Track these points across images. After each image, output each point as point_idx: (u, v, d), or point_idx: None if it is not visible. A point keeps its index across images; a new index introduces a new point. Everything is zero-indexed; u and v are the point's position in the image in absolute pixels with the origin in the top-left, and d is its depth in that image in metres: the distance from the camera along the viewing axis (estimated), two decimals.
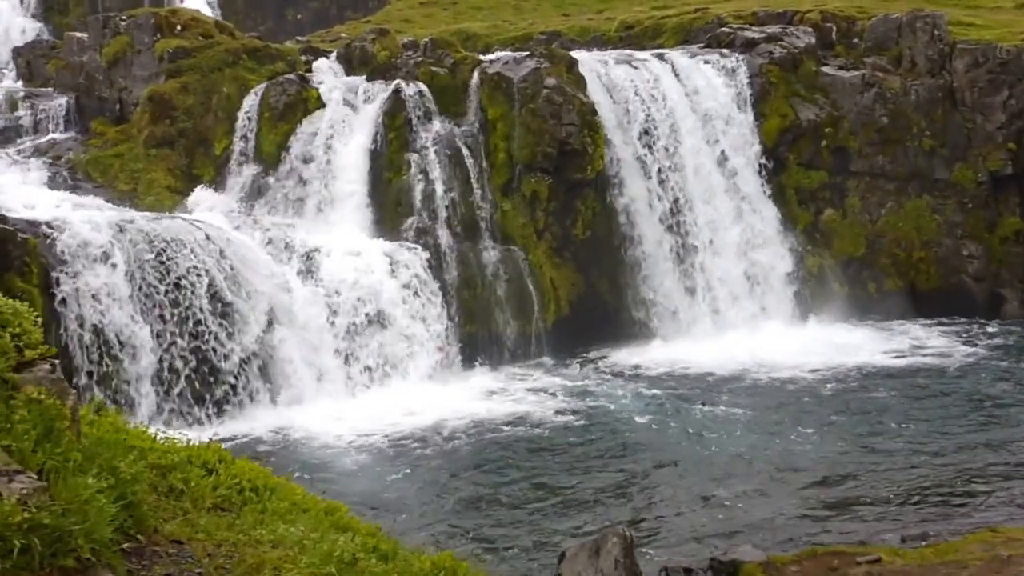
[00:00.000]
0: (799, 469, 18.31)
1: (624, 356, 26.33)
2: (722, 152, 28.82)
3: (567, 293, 27.30)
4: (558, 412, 22.22)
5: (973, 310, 28.42)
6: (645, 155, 28.24)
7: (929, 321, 27.93)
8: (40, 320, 5.14)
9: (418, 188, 26.67)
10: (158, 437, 6.20)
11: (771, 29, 30.41)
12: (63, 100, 29.94)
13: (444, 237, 26.44)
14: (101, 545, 4.13)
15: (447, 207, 26.61)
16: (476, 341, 25.82)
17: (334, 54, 30.61)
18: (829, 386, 23.06)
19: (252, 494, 5.97)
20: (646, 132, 28.28)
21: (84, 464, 4.54)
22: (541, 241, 27.29)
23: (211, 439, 7.16)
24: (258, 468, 6.33)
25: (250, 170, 27.71)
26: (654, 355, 26.23)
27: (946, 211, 29.06)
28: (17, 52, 33.60)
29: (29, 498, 4.03)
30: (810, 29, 30.55)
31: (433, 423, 21.82)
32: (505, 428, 21.38)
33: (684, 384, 23.83)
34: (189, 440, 6.45)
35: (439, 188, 26.65)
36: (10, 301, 4.93)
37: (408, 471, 19.27)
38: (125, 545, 4.51)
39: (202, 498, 5.68)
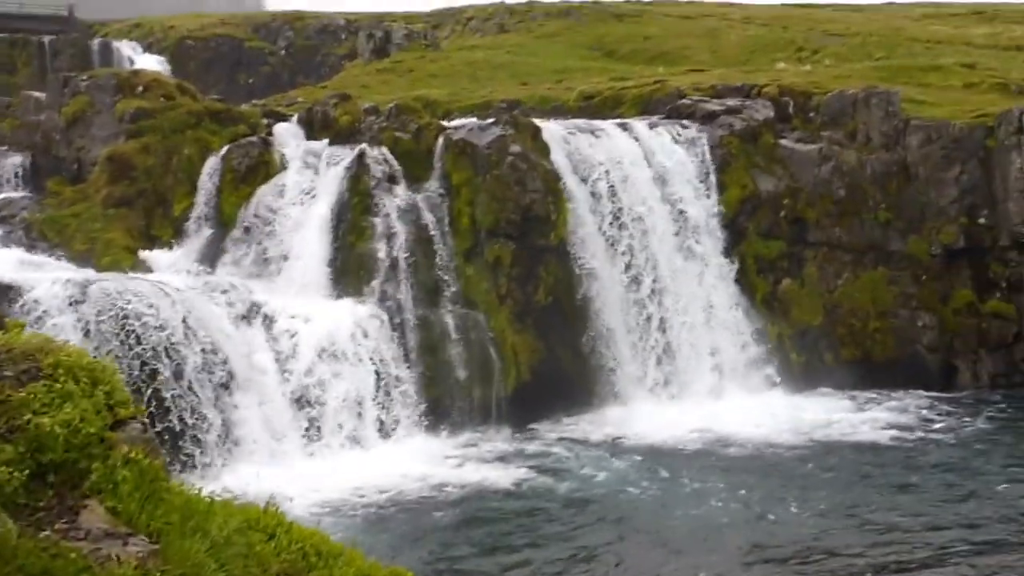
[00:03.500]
0: (773, 539, 18.19)
1: (585, 424, 26.21)
2: (683, 220, 29.10)
3: (528, 359, 27.19)
4: (519, 481, 21.95)
5: (928, 380, 28.79)
6: (607, 222, 28.42)
7: (885, 392, 28.19)
8: None
9: (381, 252, 26.54)
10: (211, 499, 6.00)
11: (730, 102, 30.98)
12: (18, 159, 29.49)
13: (406, 301, 26.28)
14: None
15: (409, 271, 26.50)
16: (437, 406, 25.59)
17: (295, 118, 30.58)
18: (798, 458, 22.99)
19: (316, 559, 5.79)
20: (609, 200, 28.49)
21: (180, 526, 4.37)
22: (503, 307, 27.23)
23: None
24: (318, 533, 6.16)
25: (210, 231, 27.43)
26: (615, 424, 26.10)
27: (901, 282, 29.57)
28: None
29: (146, 562, 3.86)
30: (768, 103, 31.17)
31: (392, 488, 21.52)
32: (466, 496, 21.06)
33: (647, 454, 23.58)
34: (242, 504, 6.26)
35: (402, 252, 26.55)
36: (97, 359, 4.76)
37: (368, 537, 18.83)
38: None
39: (268, 563, 5.49)
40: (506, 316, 27.11)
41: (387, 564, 16.33)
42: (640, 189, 28.77)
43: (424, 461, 23.46)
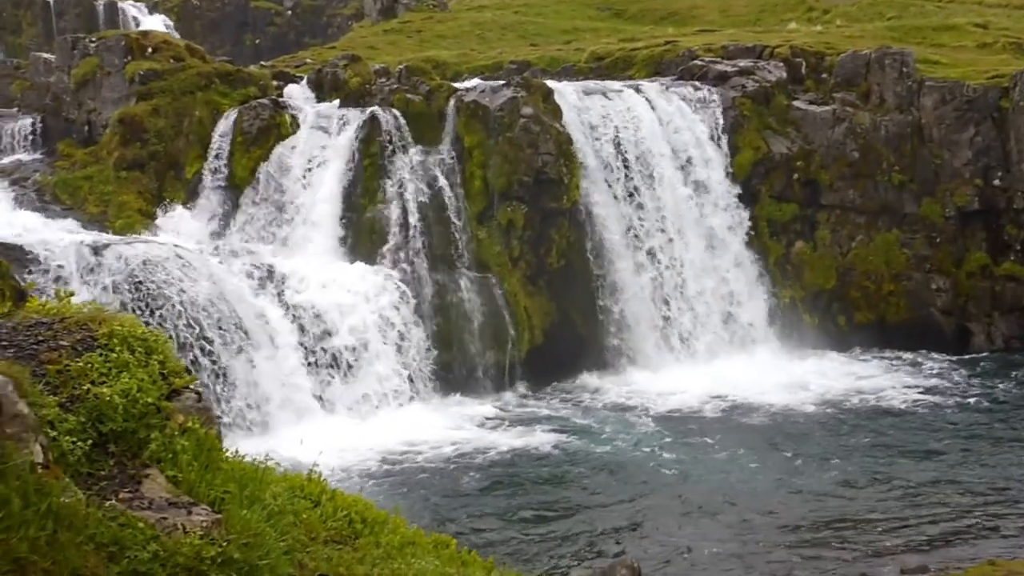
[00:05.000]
0: (794, 503, 18.24)
1: (598, 386, 26.27)
2: (696, 183, 28.98)
3: (541, 322, 27.20)
4: (540, 445, 21.98)
5: (942, 343, 28.72)
6: (620, 185, 28.30)
7: (899, 354, 28.14)
8: None
9: (393, 215, 26.47)
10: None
11: (742, 63, 30.73)
12: (28, 121, 29.35)
13: (419, 264, 26.25)
14: None
15: (422, 234, 26.44)
16: (451, 369, 25.63)
17: (305, 79, 30.37)
18: (819, 423, 22.99)
19: (362, 526, 5.80)
20: (621, 163, 28.36)
21: (238, 495, 4.36)
22: (516, 269, 27.20)
23: None
24: (362, 500, 6.17)
25: (222, 194, 27.34)
26: (630, 386, 26.18)
27: (915, 245, 29.44)
28: None
29: (211, 531, 3.86)
30: (780, 64, 30.91)
31: (408, 451, 21.59)
32: (482, 458, 21.11)
33: (665, 418, 23.62)
34: (285, 471, 6.27)
35: (414, 215, 26.47)
36: (151, 329, 4.75)
37: (393, 499, 18.90)
38: None
39: (315, 530, 5.50)
40: (519, 279, 27.08)
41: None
42: (652, 152, 28.61)
43: (438, 424, 23.53)
